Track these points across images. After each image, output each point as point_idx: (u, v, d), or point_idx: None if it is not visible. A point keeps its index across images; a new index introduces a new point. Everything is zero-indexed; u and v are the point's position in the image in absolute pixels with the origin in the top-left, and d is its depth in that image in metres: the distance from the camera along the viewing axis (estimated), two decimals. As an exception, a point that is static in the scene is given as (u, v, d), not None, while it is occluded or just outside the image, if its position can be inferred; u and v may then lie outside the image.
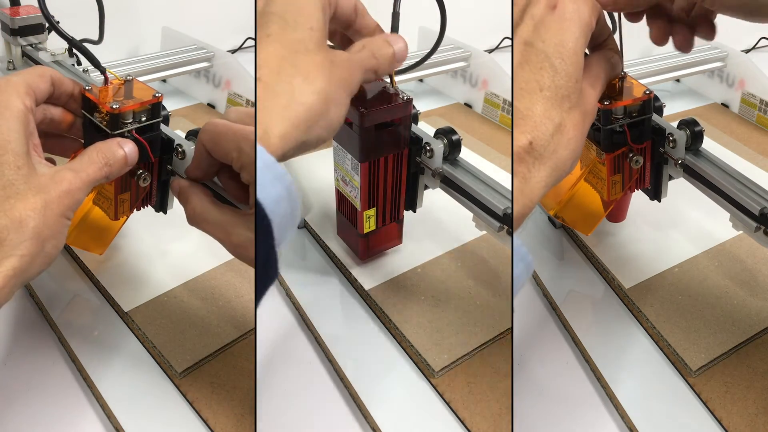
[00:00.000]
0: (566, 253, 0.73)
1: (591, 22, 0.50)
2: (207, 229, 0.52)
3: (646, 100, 0.59)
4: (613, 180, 0.62)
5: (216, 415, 0.58)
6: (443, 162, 0.63)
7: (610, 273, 0.69)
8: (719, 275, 0.68)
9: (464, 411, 0.58)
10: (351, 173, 0.64)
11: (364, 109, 0.58)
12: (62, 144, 0.60)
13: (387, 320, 0.65)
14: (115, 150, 0.53)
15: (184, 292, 0.67)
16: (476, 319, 0.65)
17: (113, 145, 0.53)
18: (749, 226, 0.58)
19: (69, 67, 0.83)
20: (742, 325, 0.63)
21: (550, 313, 0.67)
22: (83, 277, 0.69)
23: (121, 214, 0.63)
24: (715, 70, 1.01)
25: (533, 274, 0.69)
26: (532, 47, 0.48)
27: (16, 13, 0.85)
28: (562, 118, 0.48)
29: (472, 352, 0.63)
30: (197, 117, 0.97)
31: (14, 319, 0.65)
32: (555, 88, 0.48)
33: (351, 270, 0.69)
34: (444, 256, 0.72)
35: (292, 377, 0.62)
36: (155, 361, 0.62)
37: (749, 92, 0.98)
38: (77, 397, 0.59)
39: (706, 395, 0.59)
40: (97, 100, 0.58)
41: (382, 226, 0.68)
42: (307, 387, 0.61)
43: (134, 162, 0.55)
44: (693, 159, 0.61)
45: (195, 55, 0.98)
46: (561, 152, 0.48)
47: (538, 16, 0.49)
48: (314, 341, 0.65)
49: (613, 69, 0.55)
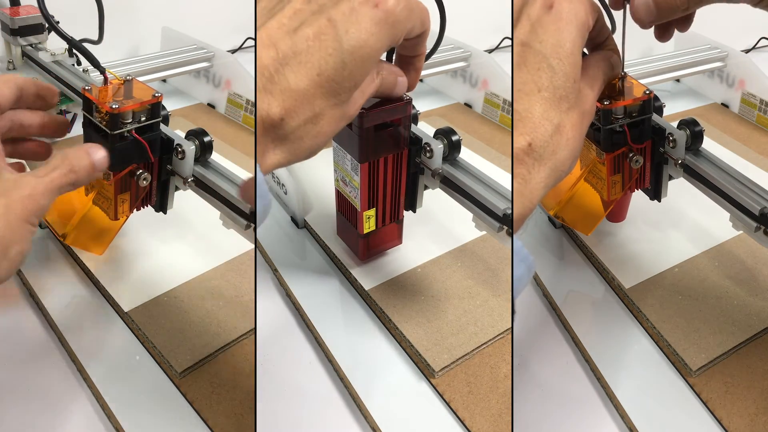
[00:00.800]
0: (566, 253, 0.73)
1: (588, 21, 0.50)
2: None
3: (646, 100, 0.59)
4: (613, 180, 0.62)
5: (216, 415, 0.58)
6: (443, 162, 0.63)
7: (610, 273, 0.69)
8: (719, 275, 0.68)
9: (464, 411, 0.58)
10: (351, 173, 0.64)
11: (364, 110, 0.58)
12: (37, 147, 0.59)
13: (387, 320, 0.65)
14: (81, 157, 0.52)
15: (184, 292, 0.67)
16: (476, 319, 0.65)
17: (81, 152, 0.52)
18: (749, 226, 0.58)
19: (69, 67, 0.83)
20: (742, 325, 0.63)
21: (550, 313, 0.67)
22: (83, 277, 0.69)
23: (121, 214, 0.63)
24: (715, 70, 1.01)
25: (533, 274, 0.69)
26: (529, 48, 0.48)
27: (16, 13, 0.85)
28: (561, 119, 0.48)
29: (472, 352, 0.63)
30: (197, 117, 0.97)
31: (14, 319, 0.65)
32: (553, 88, 0.48)
33: (351, 270, 0.69)
34: (444, 256, 0.72)
35: (292, 377, 0.62)
36: (155, 361, 0.62)
37: (749, 92, 0.98)
38: (77, 397, 0.59)
39: (706, 395, 0.59)
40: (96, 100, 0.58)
41: (382, 227, 0.68)
42: (306, 387, 0.61)
43: (103, 169, 0.53)
44: (693, 159, 0.61)
45: (195, 55, 0.98)
46: (560, 153, 0.48)
47: (534, 17, 0.49)
48: (314, 341, 0.65)
49: (612, 69, 0.55)
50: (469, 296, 0.67)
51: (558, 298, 0.67)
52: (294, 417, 0.59)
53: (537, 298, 0.68)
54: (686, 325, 0.63)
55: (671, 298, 0.66)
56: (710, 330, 0.63)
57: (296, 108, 0.45)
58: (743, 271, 0.69)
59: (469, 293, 0.68)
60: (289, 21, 0.46)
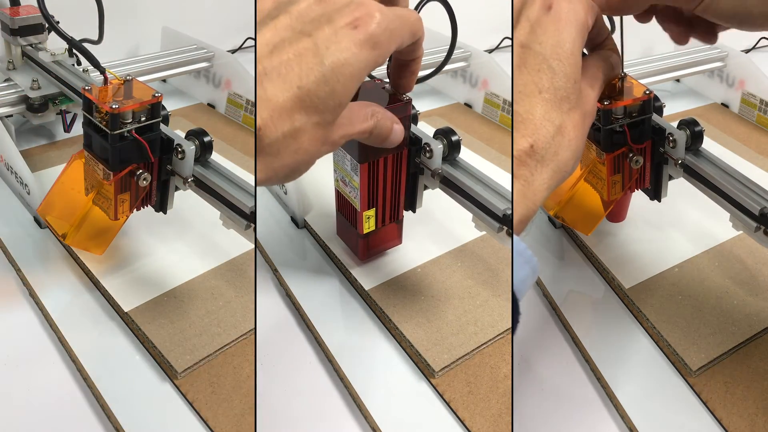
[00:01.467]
0: (566, 253, 0.73)
1: (587, 21, 0.50)
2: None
3: (646, 100, 0.59)
4: (613, 180, 0.62)
5: (216, 415, 0.58)
6: (443, 162, 0.63)
7: (610, 273, 0.69)
8: (719, 275, 0.68)
9: (464, 411, 0.58)
10: (350, 174, 0.64)
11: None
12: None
13: (387, 320, 0.65)
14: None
15: (184, 292, 0.67)
16: (476, 319, 0.65)
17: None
18: (749, 226, 0.58)
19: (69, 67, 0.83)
20: (742, 325, 0.63)
21: (551, 313, 0.67)
22: (83, 277, 0.69)
23: (121, 214, 0.63)
24: (715, 70, 1.01)
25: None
26: (529, 50, 0.48)
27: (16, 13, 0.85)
28: (563, 120, 0.48)
29: (472, 352, 0.63)
30: (197, 117, 0.97)
31: (14, 320, 0.65)
32: (554, 89, 0.47)
33: (351, 270, 0.69)
34: (444, 256, 0.72)
35: (292, 377, 0.62)
36: (155, 361, 0.62)
37: (749, 92, 0.98)
38: (77, 397, 0.59)
39: (706, 395, 0.59)
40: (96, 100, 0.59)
41: (382, 227, 0.68)
42: (306, 387, 0.61)
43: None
44: (693, 159, 0.61)
45: (195, 55, 0.98)
46: (562, 154, 0.48)
47: (533, 18, 0.49)
48: (314, 341, 0.65)
49: (612, 69, 0.55)
50: (469, 296, 0.67)
51: (558, 298, 0.67)
52: (294, 417, 0.59)
53: (537, 298, 0.68)
54: (686, 325, 0.63)
55: (671, 298, 0.66)
56: (710, 330, 0.63)
57: (274, 120, 0.44)
58: (743, 271, 0.69)
59: (469, 293, 0.68)
60: (272, 37, 0.46)
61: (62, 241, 0.68)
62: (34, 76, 0.84)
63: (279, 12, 0.46)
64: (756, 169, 0.86)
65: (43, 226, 0.73)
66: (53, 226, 0.67)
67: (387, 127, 0.51)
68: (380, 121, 0.51)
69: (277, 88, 0.44)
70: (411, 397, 0.60)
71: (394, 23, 0.47)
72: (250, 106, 0.95)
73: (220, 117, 0.98)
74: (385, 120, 0.51)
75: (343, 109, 0.47)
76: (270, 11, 0.47)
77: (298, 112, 0.45)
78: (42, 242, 0.72)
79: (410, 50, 0.53)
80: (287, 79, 0.44)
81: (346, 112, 0.47)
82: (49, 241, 0.72)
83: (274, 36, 0.46)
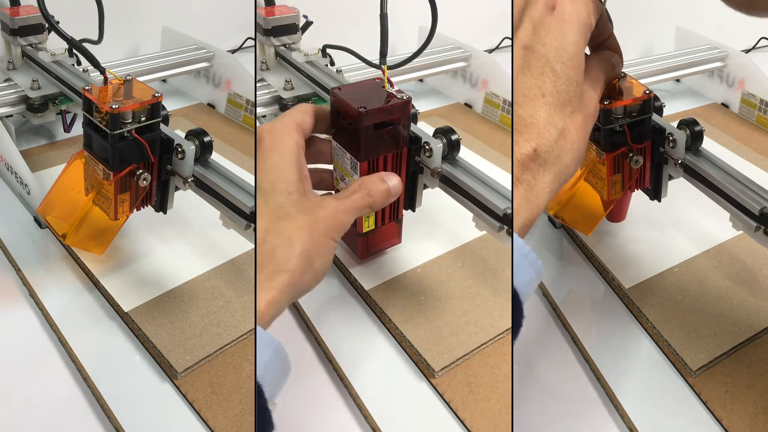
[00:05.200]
0: (566, 253, 0.73)
1: (590, 21, 0.49)
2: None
3: (646, 100, 0.59)
4: (613, 180, 0.62)
5: (216, 415, 0.58)
6: (442, 161, 0.63)
7: (610, 273, 0.69)
8: (719, 275, 0.68)
9: (464, 411, 0.58)
10: (350, 172, 0.64)
11: (363, 109, 0.58)
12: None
13: (387, 320, 0.65)
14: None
15: (184, 292, 0.67)
16: (476, 319, 0.65)
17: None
18: (749, 226, 0.58)
19: (69, 67, 0.83)
20: (742, 325, 0.63)
21: (551, 313, 0.67)
22: (83, 277, 0.69)
23: (121, 214, 0.63)
24: (715, 70, 1.01)
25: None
26: (532, 51, 0.48)
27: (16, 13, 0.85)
28: (565, 123, 0.48)
29: (472, 352, 0.62)
30: (197, 117, 0.97)
31: (14, 320, 0.65)
32: (557, 93, 0.47)
33: (351, 270, 0.69)
34: (444, 256, 0.72)
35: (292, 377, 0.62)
36: (155, 361, 0.62)
37: (749, 92, 0.98)
38: (77, 397, 0.59)
39: (706, 395, 0.59)
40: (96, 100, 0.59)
41: (381, 225, 0.68)
42: (306, 387, 0.61)
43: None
44: (693, 159, 0.61)
45: (195, 55, 0.98)
46: (565, 157, 0.48)
47: (536, 18, 0.49)
48: (314, 341, 0.65)
49: (614, 69, 0.55)
50: (469, 296, 0.67)
51: (558, 298, 0.67)
52: (294, 417, 0.59)
53: (537, 298, 0.68)
54: (686, 325, 0.63)
55: (671, 298, 0.66)
56: (710, 330, 0.63)
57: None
58: (743, 271, 0.69)
59: (469, 293, 0.68)
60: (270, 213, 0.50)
61: (62, 241, 0.68)
62: (34, 76, 0.84)
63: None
64: (756, 169, 0.86)
65: (43, 226, 0.73)
66: (53, 226, 0.67)
67: (382, 190, 0.56)
68: (374, 198, 0.55)
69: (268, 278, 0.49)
70: (411, 397, 0.60)
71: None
72: (249, 106, 0.95)
73: (220, 117, 0.98)
74: (375, 185, 0.56)
75: (338, 232, 0.52)
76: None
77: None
78: (42, 242, 0.72)
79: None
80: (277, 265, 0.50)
81: (330, 221, 0.52)
82: (49, 241, 0.72)
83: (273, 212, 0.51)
